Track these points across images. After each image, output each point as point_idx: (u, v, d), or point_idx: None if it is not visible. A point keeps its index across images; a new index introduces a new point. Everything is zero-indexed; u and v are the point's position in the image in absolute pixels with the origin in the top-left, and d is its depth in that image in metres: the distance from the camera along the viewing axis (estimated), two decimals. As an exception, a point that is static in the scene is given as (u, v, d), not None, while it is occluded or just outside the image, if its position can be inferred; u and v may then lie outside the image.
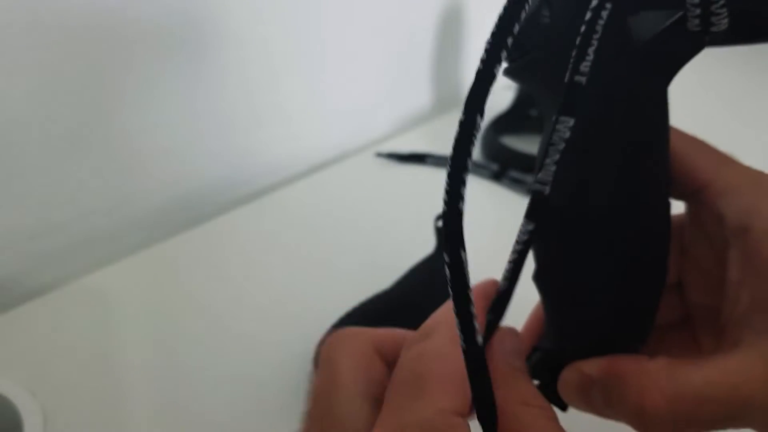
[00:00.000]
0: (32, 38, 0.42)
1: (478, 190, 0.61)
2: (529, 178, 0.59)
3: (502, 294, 0.21)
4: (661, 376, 0.20)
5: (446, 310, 0.22)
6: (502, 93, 0.82)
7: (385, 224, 0.56)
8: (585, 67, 0.19)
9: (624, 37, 0.20)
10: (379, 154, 0.66)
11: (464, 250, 0.18)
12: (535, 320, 0.27)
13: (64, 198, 0.48)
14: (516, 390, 0.20)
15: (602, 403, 0.21)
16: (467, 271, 0.19)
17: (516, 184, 0.59)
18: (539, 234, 0.20)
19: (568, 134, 0.19)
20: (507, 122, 0.70)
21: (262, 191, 0.63)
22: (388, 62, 0.70)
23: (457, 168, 0.18)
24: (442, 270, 0.45)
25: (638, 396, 0.20)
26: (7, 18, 0.40)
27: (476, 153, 0.67)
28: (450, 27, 0.75)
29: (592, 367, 0.22)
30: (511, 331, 0.22)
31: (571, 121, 0.19)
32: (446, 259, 0.19)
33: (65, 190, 0.48)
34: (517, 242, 0.20)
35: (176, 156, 0.54)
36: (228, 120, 0.57)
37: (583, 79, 0.19)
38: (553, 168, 0.19)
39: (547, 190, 0.19)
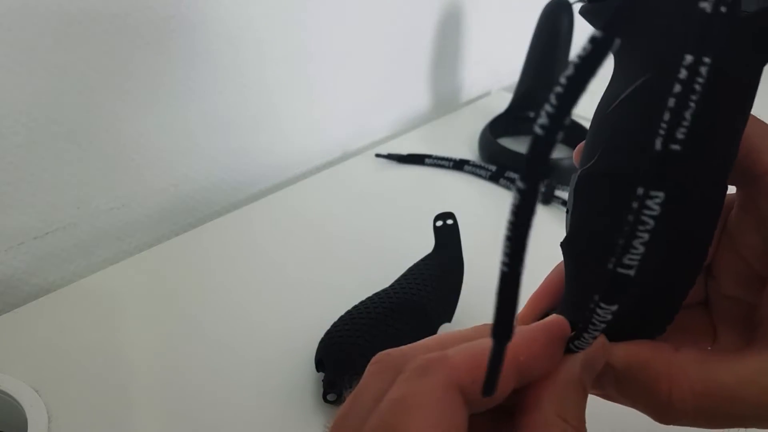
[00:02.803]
0: (36, 41, 0.42)
1: (476, 191, 0.62)
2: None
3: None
4: (691, 370, 0.19)
5: (454, 347, 0.18)
6: (499, 96, 0.82)
7: (385, 224, 0.57)
8: (681, 134, 0.16)
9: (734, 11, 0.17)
10: (379, 155, 0.67)
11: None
12: (551, 284, 0.25)
13: (69, 198, 0.48)
14: (562, 400, 0.18)
15: (614, 389, 0.20)
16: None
17: (513, 185, 0.60)
18: (575, 201, 0.18)
19: (658, 211, 0.16)
20: (504, 124, 0.71)
21: (264, 192, 0.63)
22: (388, 64, 0.71)
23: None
24: (441, 269, 0.46)
25: (666, 387, 0.19)
26: (9, 20, 0.40)
27: (474, 155, 0.68)
28: (449, 29, 0.76)
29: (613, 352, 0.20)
30: (596, 343, 0.20)
31: (662, 196, 0.16)
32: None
33: (70, 190, 0.48)
34: (595, 325, 0.18)
35: (180, 157, 0.55)
36: (231, 122, 0.57)
37: (678, 147, 0.16)
38: (642, 250, 0.17)
39: (633, 273, 0.17)
